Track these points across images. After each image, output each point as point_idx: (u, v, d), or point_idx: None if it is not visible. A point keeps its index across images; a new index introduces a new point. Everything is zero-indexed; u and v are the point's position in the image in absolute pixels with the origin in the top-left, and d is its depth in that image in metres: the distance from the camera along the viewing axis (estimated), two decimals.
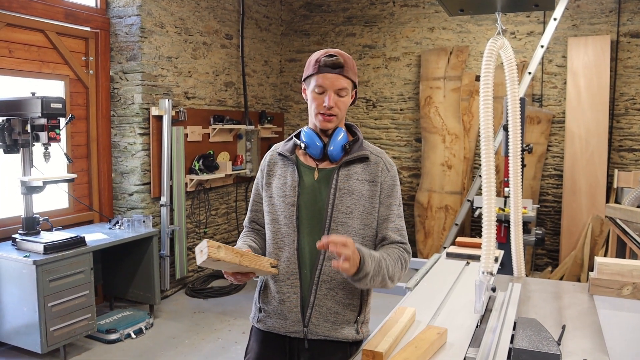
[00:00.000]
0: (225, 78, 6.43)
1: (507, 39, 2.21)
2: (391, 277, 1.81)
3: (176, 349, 4.35)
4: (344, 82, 1.85)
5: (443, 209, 6.63)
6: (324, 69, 1.83)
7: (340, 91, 1.85)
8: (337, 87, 1.84)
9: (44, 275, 3.74)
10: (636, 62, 5.98)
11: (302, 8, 7.56)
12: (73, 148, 4.94)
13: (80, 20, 4.86)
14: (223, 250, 1.59)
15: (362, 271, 1.68)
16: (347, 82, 1.86)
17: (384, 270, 1.77)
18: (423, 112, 6.75)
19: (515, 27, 6.42)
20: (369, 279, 1.71)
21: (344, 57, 1.85)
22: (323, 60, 1.83)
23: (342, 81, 1.84)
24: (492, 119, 2.02)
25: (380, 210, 1.91)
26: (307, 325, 1.88)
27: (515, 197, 2.54)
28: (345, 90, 1.86)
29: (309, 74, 1.88)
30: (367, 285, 1.76)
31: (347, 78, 1.85)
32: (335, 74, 1.83)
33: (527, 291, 2.41)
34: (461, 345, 1.77)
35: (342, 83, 1.84)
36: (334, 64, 1.82)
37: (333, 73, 1.83)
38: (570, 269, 5.87)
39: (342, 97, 1.86)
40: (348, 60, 1.85)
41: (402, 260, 1.87)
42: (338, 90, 1.84)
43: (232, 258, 1.62)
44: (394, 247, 1.88)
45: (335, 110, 1.86)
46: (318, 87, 1.84)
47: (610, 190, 6.06)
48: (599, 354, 1.72)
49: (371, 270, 1.70)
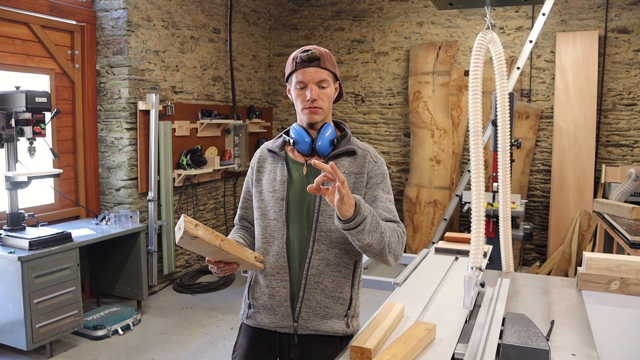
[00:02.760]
0: (213, 72, 6.38)
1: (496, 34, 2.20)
2: (389, 245, 1.74)
3: (164, 345, 4.32)
4: (322, 74, 1.87)
5: (432, 204, 6.64)
6: (301, 64, 1.87)
7: (321, 83, 1.87)
8: (317, 79, 1.86)
9: (29, 272, 3.69)
10: (624, 57, 6.01)
11: (291, 2, 7.52)
12: (59, 143, 4.88)
13: (66, 13, 4.80)
14: (202, 230, 1.56)
15: (360, 214, 1.61)
16: (326, 73, 1.88)
17: (382, 228, 1.70)
18: (412, 107, 6.74)
19: (504, 22, 6.43)
20: (367, 229, 1.64)
21: (320, 50, 1.88)
22: (299, 57, 1.87)
23: (320, 73, 1.87)
24: (481, 113, 2.01)
25: (367, 194, 1.88)
26: (297, 320, 1.88)
27: (504, 192, 2.53)
28: (325, 81, 1.88)
29: (289, 73, 1.91)
30: (366, 240, 1.66)
31: (326, 69, 1.88)
32: (313, 67, 1.86)
33: (515, 286, 2.41)
34: (450, 341, 1.76)
35: (321, 75, 1.87)
36: (310, 57, 1.86)
37: (311, 67, 1.86)
38: (558, 264, 5.90)
39: (324, 88, 1.88)
40: (324, 53, 1.89)
41: (398, 234, 1.81)
42: (319, 82, 1.87)
43: (211, 239, 1.59)
44: (387, 223, 1.81)
45: (319, 103, 1.87)
46: (299, 83, 1.88)
47: (598, 185, 6.09)
48: (587, 349, 1.72)
49: (368, 216, 1.64)
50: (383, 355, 1.57)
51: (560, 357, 1.67)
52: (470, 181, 2.00)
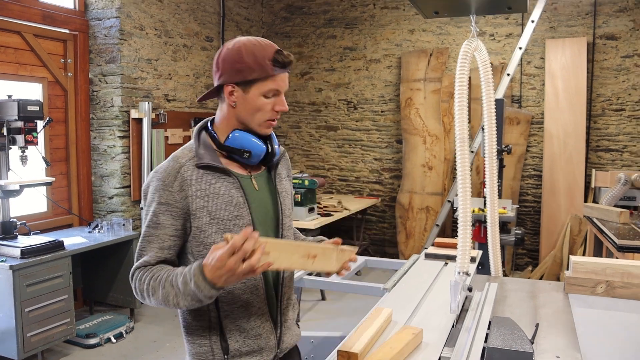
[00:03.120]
0: (206, 80, 6.41)
1: (486, 41, 2.24)
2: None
3: (157, 353, 4.32)
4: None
5: (424, 210, 6.67)
6: (281, 70, 1.58)
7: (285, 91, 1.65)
8: (286, 87, 1.63)
9: (20, 280, 3.70)
10: (612, 63, 6.07)
11: (283, 10, 7.56)
12: (52, 151, 4.89)
13: (58, 22, 4.82)
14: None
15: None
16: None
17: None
18: (404, 114, 6.78)
19: (494, 29, 6.48)
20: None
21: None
22: (279, 59, 1.57)
23: (287, 80, 1.64)
24: (468, 120, 2.04)
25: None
26: (279, 346, 1.72)
27: (491, 197, 2.56)
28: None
29: (259, 77, 1.56)
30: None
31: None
32: (286, 72, 1.61)
33: (503, 290, 2.44)
34: (436, 345, 1.78)
35: (288, 82, 1.64)
36: (290, 62, 1.60)
37: (285, 72, 1.60)
38: (550, 268, 5.94)
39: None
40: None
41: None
42: (284, 90, 1.63)
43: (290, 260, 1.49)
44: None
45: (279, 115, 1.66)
46: (273, 91, 1.59)
47: (588, 190, 6.14)
48: (572, 352, 1.74)
49: None
50: (369, 359, 1.59)
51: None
52: (457, 187, 2.02)
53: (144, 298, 1.56)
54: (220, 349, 1.61)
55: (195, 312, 1.62)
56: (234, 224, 1.57)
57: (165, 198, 1.54)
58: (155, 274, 1.53)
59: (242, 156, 1.61)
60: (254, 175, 1.69)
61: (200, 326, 1.61)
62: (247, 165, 1.68)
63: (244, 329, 1.62)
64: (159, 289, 1.50)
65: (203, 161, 1.57)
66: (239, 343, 1.61)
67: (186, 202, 1.55)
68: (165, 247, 1.56)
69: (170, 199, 1.54)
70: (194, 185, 1.55)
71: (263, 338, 1.65)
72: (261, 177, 1.71)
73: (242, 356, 1.62)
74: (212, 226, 1.56)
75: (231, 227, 1.57)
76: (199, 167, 1.57)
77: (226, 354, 1.61)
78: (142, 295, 1.56)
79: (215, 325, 1.61)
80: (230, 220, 1.57)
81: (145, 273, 1.55)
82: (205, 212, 1.55)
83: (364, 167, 7.30)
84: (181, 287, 1.45)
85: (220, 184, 1.58)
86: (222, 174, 1.59)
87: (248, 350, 1.63)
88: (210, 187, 1.56)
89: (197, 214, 1.55)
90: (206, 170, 1.58)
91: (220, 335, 1.61)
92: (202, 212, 1.55)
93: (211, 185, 1.57)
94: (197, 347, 1.62)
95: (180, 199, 1.54)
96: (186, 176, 1.55)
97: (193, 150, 1.61)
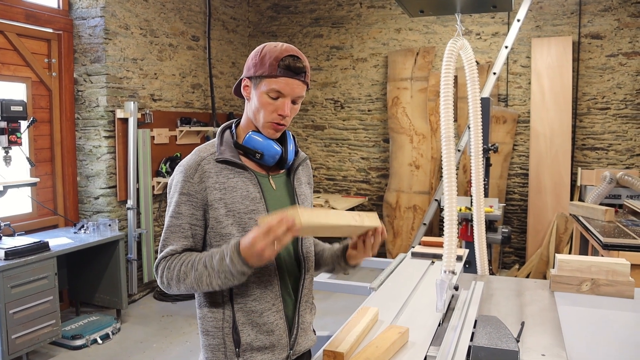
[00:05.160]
0: (192, 80, 6.38)
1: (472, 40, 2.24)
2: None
3: (144, 353, 4.29)
4: (302, 90, 1.64)
5: (411, 208, 6.68)
6: (286, 72, 1.59)
7: (297, 99, 1.65)
8: (296, 94, 1.63)
9: (5, 282, 3.66)
10: (597, 62, 6.12)
11: (270, 9, 7.55)
12: (36, 151, 4.85)
13: (42, 21, 4.77)
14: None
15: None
16: (304, 89, 1.66)
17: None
18: (391, 113, 6.79)
19: (480, 28, 6.51)
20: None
21: (305, 60, 1.64)
22: (287, 63, 1.59)
23: (301, 88, 1.63)
24: (453, 119, 2.04)
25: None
26: (294, 347, 1.72)
27: (477, 195, 2.57)
28: (301, 98, 1.66)
29: (264, 74, 1.61)
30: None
31: (306, 84, 1.66)
32: (297, 79, 1.61)
33: (489, 289, 2.44)
34: (422, 344, 1.78)
35: (301, 91, 1.64)
36: (299, 68, 1.60)
37: (295, 79, 1.61)
38: (536, 267, 5.97)
39: (296, 104, 1.67)
40: (307, 64, 1.65)
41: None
42: (296, 97, 1.64)
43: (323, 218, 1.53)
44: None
45: (287, 120, 1.66)
46: (275, 91, 1.60)
47: (574, 188, 6.18)
48: (557, 349, 1.75)
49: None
50: (355, 359, 1.59)
51: (530, 358, 1.69)
52: (443, 185, 2.03)
53: (170, 286, 1.61)
54: (232, 342, 1.64)
55: (211, 303, 1.66)
56: (249, 217, 1.62)
57: (187, 189, 1.61)
58: (185, 259, 1.58)
59: (254, 156, 1.67)
60: (272, 175, 1.74)
61: (214, 318, 1.65)
62: (266, 166, 1.72)
63: (257, 323, 1.64)
64: (192, 271, 1.55)
65: (223, 156, 1.64)
66: (251, 337, 1.64)
67: (205, 193, 1.61)
68: (189, 235, 1.62)
69: (191, 189, 1.61)
70: (213, 177, 1.62)
71: (276, 335, 1.66)
72: (279, 179, 1.75)
73: (254, 351, 1.64)
74: (229, 218, 1.61)
75: (247, 220, 1.61)
76: (219, 161, 1.64)
77: (238, 347, 1.63)
78: (170, 284, 1.60)
79: (229, 318, 1.64)
80: (246, 214, 1.62)
81: (174, 261, 1.59)
82: (222, 204, 1.61)
83: (351, 166, 7.30)
84: (216, 265, 1.51)
85: (237, 179, 1.64)
86: (241, 169, 1.65)
87: (260, 345, 1.64)
88: (228, 180, 1.63)
89: (215, 205, 1.61)
90: (225, 165, 1.64)
91: (233, 328, 1.64)
92: (219, 203, 1.61)
93: (229, 179, 1.63)
94: (211, 339, 1.66)
95: (200, 190, 1.61)
96: (206, 169, 1.62)
97: (215, 146, 1.69)
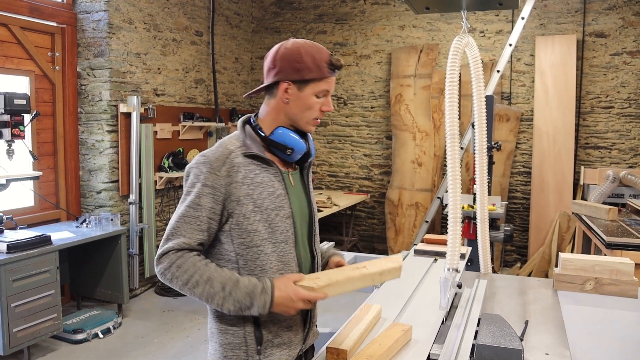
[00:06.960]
0: (196, 75, 6.37)
1: (476, 37, 2.23)
2: None
3: (144, 349, 4.29)
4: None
5: (413, 206, 6.67)
6: (333, 72, 1.66)
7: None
8: (333, 90, 1.72)
9: (7, 275, 3.66)
10: (601, 61, 6.10)
11: (273, 5, 7.53)
12: (39, 145, 4.84)
13: (46, 15, 4.76)
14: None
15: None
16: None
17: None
18: (394, 110, 6.78)
19: (484, 26, 6.49)
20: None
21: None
22: (333, 63, 1.65)
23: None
24: (458, 116, 2.03)
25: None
26: (305, 341, 1.75)
27: (481, 194, 2.56)
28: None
29: (316, 77, 1.63)
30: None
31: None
32: (334, 75, 1.70)
33: (493, 287, 2.44)
34: (426, 342, 1.78)
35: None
36: (341, 66, 1.68)
37: (334, 75, 1.69)
38: (538, 265, 5.97)
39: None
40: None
41: None
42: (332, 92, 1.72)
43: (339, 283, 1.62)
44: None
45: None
46: (324, 91, 1.66)
47: (577, 187, 6.17)
48: (560, 348, 1.75)
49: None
50: (359, 356, 1.58)
51: (534, 357, 1.69)
52: (447, 183, 2.02)
53: (172, 283, 1.58)
54: (253, 339, 1.64)
55: None
56: (275, 214, 1.62)
57: (211, 181, 1.57)
58: (199, 268, 1.55)
59: (285, 152, 1.66)
60: (290, 172, 1.74)
61: (235, 316, 1.63)
62: (286, 162, 1.73)
63: (278, 319, 1.64)
64: (205, 285, 1.54)
65: (251, 150, 1.63)
66: (272, 334, 1.64)
67: (230, 187, 1.58)
68: (204, 229, 1.58)
69: (216, 182, 1.57)
70: (241, 172, 1.59)
71: (293, 331, 1.68)
72: (295, 175, 1.76)
73: (274, 347, 1.65)
74: (256, 214, 1.59)
75: (273, 216, 1.62)
76: (246, 155, 1.62)
77: (259, 344, 1.64)
78: (173, 281, 1.57)
79: (250, 316, 1.62)
80: (273, 210, 1.62)
81: (186, 261, 1.55)
82: (250, 200, 1.59)
83: (354, 163, 7.29)
84: (238, 295, 1.53)
85: (264, 175, 1.63)
86: (267, 165, 1.64)
87: (279, 342, 1.66)
88: (256, 176, 1.61)
89: (243, 201, 1.58)
90: (252, 159, 1.63)
91: (255, 325, 1.63)
92: (247, 199, 1.59)
93: (256, 174, 1.62)
94: (230, 336, 1.65)
95: (225, 184, 1.58)
96: (235, 163, 1.60)
97: (240, 139, 1.67)
